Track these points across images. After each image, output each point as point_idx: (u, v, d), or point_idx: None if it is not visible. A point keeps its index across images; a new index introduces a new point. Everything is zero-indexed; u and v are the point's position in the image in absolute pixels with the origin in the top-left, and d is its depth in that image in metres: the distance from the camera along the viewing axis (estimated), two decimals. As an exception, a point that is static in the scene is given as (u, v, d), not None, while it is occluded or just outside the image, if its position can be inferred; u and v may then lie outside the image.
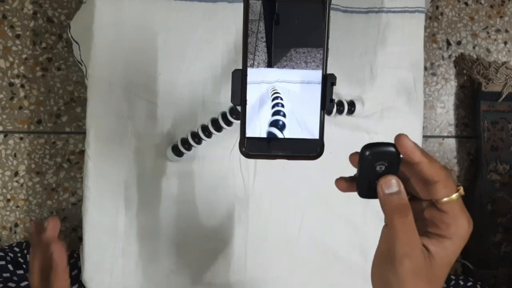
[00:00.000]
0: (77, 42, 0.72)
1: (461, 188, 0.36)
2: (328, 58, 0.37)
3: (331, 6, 0.58)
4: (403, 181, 0.36)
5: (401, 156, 0.36)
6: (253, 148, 0.37)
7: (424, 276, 0.36)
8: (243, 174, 0.67)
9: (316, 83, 0.37)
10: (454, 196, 0.35)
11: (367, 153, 0.36)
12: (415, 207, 0.37)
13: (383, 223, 0.39)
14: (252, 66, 0.37)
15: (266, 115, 0.37)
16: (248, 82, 0.37)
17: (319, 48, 0.37)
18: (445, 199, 0.35)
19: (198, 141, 0.62)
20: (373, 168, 0.36)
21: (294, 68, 0.37)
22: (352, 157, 0.38)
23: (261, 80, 0.37)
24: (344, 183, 0.39)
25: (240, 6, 0.36)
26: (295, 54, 0.37)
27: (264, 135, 0.37)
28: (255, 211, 0.67)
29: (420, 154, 0.35)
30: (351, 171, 0.40)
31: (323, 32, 0.37)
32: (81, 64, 0.71)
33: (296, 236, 0.68)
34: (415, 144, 0.35)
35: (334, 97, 0.38)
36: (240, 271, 0.67)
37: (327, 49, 0.37)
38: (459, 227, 0.36)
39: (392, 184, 0.36)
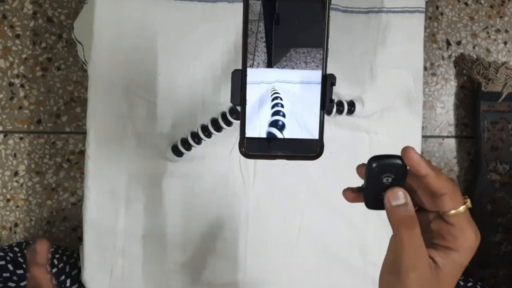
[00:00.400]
0: (80, 43, 0.72)
1: (468, 200, 0.36)
2: (328, 58, 0.37)
3: (331, 6, 0.58)
4: (410, 192, 0.36)
5: (408, 168, 0.36)
6: (253, 148, 0.37)
7: None
8: (243, 174, 0.67)
9: (316, 83, 0.37)
10: (461, 208, 0.35)
11: (374, 165, 0.36)
12: (422, 219, 0.37)
13: (384, 224, 0.39)
14: (252, 66, 0.37)
15: (266, 115, 0.37)
16: (247, 82, 0.37)
17: (319, 48, 0.37)
18: (452, 211, 0.35)
19: (198, 141, 0.62)
20: (380, 180, 0.37)
21: (294, 68, 0.37)
22: (359, 168, 0.38)
23: (261, 80, 0.37)
24: (351, 194, 0.39)
25: (240, 6, 0.36)
26: (295, 54, 0.37)
27: (263, 135, 0.37)
28: (255, 211, 0.67)
29: (426, 166, 0.35)
30: (351, 171, 0.40)
31: (323, 32, 0.37)
32: (85, 65, 0.71)
33: (296, 236, 0.68)
34: (422, 157, 0.35)
35: (334, 97, 0.38)
36: (240, 271, 0.67)
37: (327, 49, 0.37)
38: (466, 240, 0.36)
39: (399, 196, 0.36)
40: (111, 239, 0.65)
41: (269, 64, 0.37)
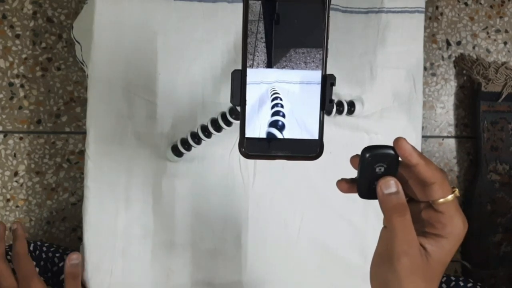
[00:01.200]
0: (79, 43, 0.72)
1: (456, 190, 0.38)
2: (328, 59, 0.37)
3: (331, 6, 0.58)
4: (402, 182, 0.38)
5: (400, 158, 0.37)
6: (253, 148, 0.37)
7: (421, 273, 0.37)
8: (242, 174, 0.67)
9: (316, 83, 0.37)
10: (450, 197, 0.37)
11: (367, 155, 0.37)
12: (412, 209, 0.38)
13: (382, 224, 0.39)
14: (251, 66, 0.37)
15: (266, 116, 0.37)
16: (247, 82, 0.37)
17: (318, 48, 0.37)
18: (441, 200, 0.37)
19: (198, 141, 0.62)
20: (373, 169, 0.38)
21: (293, 69, 0.38)
22: (353, 159, 0.39)
23: (261, 81, 0.37)
24: (345, 184, 0.40)
25: (240, 6, 0.36)
26: (295, 54, 0.38)
27: (263, 135, 0.37)
28: (255, 211, 0.67)
29: (417, 156, 0.36)
30: (351, 171, 0.40)
31: (323, 32, 0.37)
32: (83, 65, 0.71)
33: (296, 236, 0.69)
34: (413, 147, 0.37)
35: (333, 97, 0.38)
36: (240, 271, 0.67)
37: (327, 49, 0.37)
38: (454, 227, 0.37)
39: (390, 185, 0.37)
40: (111, 239, 0.65)
41: (269, 64, 0.37)
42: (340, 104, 0.66)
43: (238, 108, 0.37)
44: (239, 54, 0.37)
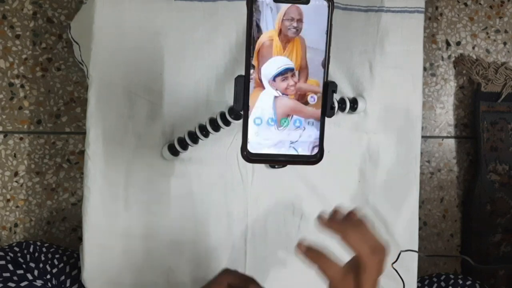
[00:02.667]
0: (77, 43, 0.72)
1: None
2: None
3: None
4: None
5: None
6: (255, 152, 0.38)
7: None
8: (241, 172, 0.67)
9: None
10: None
11: None
12: None
13: (382, 224, 0.39)
14: None
15: None
16: None
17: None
18: None
19: (195, 140, 0.62)
20: None
21: None
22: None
23: None
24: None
25: (240, 4, 0.36)
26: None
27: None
28: (254, 209, 0.68)
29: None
30: (349, 170, 0.40)
31: (325, 40, 0.37)
32: (82, 65, 0.71)
33: (295, 234, 0.69)
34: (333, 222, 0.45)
35: (336, 94, 0.38)
36: (239, 268, 0.67)
37: (329, 57, 0.37)
38: None
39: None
40: (110, 239, 0.65)
41: None
42: (342, 101, 0.67)
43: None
44: (240, 52, 0.37)
